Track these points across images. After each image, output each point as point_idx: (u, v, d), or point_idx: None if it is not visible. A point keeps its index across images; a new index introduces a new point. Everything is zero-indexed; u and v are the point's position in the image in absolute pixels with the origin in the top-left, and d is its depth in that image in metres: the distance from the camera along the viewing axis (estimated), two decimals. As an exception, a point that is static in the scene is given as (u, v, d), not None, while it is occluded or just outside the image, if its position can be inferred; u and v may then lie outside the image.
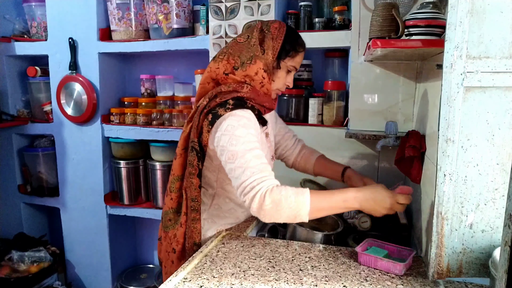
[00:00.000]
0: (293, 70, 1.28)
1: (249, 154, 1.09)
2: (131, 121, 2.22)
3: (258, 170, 1.08)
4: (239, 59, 1.20)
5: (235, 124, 1.12)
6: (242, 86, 1.19)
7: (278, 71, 1.24)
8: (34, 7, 2.32)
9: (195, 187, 1.22)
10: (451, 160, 0.93)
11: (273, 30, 1.22)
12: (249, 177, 1.07)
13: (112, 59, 2.31)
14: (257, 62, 1.19)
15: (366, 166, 1.78)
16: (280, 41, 1.21)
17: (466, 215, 0.95)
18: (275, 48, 1.21)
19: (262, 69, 1.19)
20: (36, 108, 2.47)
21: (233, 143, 1.10)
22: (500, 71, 0.88)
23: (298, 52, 1.25)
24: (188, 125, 1.25)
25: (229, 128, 1.12)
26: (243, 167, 1.08)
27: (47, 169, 2.48)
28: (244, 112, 1.16)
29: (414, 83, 1.66)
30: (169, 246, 1.30)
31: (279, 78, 1.25)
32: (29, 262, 2.27)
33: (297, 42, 1.26)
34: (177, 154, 1.27)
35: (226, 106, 1.16)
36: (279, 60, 1.23)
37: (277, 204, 1.05)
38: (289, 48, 1.23)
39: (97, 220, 2.35)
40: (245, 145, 1.10)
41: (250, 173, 1.07)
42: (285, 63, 1.24)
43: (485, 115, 0.91)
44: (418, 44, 1.14)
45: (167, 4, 2.02)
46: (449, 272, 0.98)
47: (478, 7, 0.88)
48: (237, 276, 1.05)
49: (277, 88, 1.27)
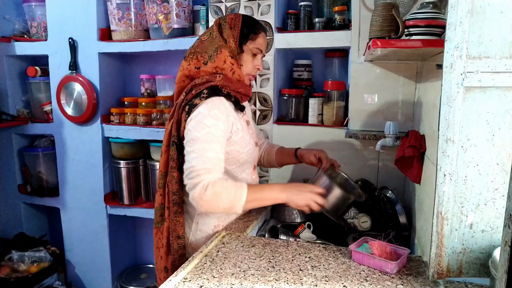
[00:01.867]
0: (259, 53, 1.34)
1: (208, 145, 1.17)
2: (131, 121, 2.22)
3: (209, 162, 1.16)
4: (206, 54, 1.28)
5: (205, 113, 1.19)
6: (215, 76, 1.26)
7: (243, 55, 1.31)
8: (34, 7, 2.32)
9: (176, 181, 1.27)
10: (451, 160, 0.93)
11: (229, 21, 1.30)
12: (199, 164, 1.15)
13: (112, 59, 2.31)
14: (223, 51, 1.26)
15: (366, 166, 1.78)
16: (238, 28, 1.29)
17: (466, 215, 0.95)
18: (234, 35, 1.28)
19: (229, 56, 1.27)
20: (36, 108, 2.47)
21: (198, 129, 1.18)
22: (500, 71, 0.88)
23: (256, 34, 1.32)
24: (169, 122, 1.31)
25: (199, 114, 1.20)
26: (198, 153, 1.16)
27: (47, 169, 2.48)
28: (218, 100, 1.23)
29: (414, 83, 1.66)
30: (160, 241, 1.34)
31: (246, 62, 1.32)
32: (29, 262, 2.27)
33: (254, 25, 1.32)
34: (162, 152, 1.33)
35: (201, 96, 1.23)
36: (242, 45, 1.30)
37: (217, 196, 1.14)
38: (247, 32, 1.30)
39: (97, 220, 2.35)
40: (207, 135, 1.17)
41: (202, 161, 1.15)
42: (248, 47, 1.31)
43: (485, 115, 0.91)
44: (418, 44, 1.14)
45: (167, 4, 2.02)
46: (449, 272, 0.98)
47: (478, 7, 0.88)
48: (237, 276, 1.05)
49: (247, 73, 1.34)
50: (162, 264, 1.33)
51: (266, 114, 1.92)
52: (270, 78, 1.89)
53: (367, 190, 1.60)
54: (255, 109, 1.92)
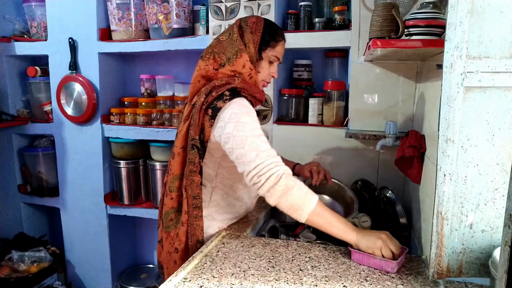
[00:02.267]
0: (276, 61, 1.32)
1: (258, 139, 1.12)
2: (131, 121, 2.22)
3: (272, 154, 1.11)
4: (224, 55, 1.24)
5: (238, 112, 1.15)
6: (234, 79, 1.23)
7: (261, 62, 1.29)
8: (34, 7, 2.32)
9: (197, 185, 1.22)
10: (451, 160, 0.93)
11: (251, 25, 1.27)
12: (265, 159, 1.09)
13: (112, 59, 2.31)
14: (243, 55, 1.23)
15: (366, 166, 1.78)
16: (259, 33, 1.26)
17: (466, 215, 0.95)
18: (255, 41, 1.26)
19: (249, 61, 1.24)
20: (36, 108, 2.47)
21: (240, 129, 1.12)
22: (500, 71, 0.88)
23: (277, 41, 1.29)
24: (185, 123, 1.26)
25: (233, 115, 1.14)
26: (256, 150, 1.10)
27: (47, 169, 2.48)
28: (242, 100, 1.20)
29: (414, 83, 1.66)
30: (171, 246, 1.29)
31: (263, 68, 1.30)
32: (29, 262, 2.27)
33: (276, 32, 1.30)
34: (174, 153, 1.27)
35: (223, 98, 1.18)
36: (261, 52, 1.28)
37: (289, 189, 1.08)
38: (268, 39, 1.27)
39: (97, 220, 2.36)
40: (253, 131, 1.13)
41: (266, 156, 1.10)
42: (267, 54, 1.29)
43: (485, 115, 0.91)
44: (418, 44, 1.14)
45: (167, 4, 2.02)
46: (449, 272, 0.98)
47: (478, 7, 0.88)
48: (237, 276, 1.05)
49: (263, 79, 1.32)
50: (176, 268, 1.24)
51: (266, 114, 1.92)
52: (270, 78, 1.89)
53: (367, 190, 1.60)
54: (255, 109, 1.92)
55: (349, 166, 1.80)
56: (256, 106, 1.33)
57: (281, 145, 1.90)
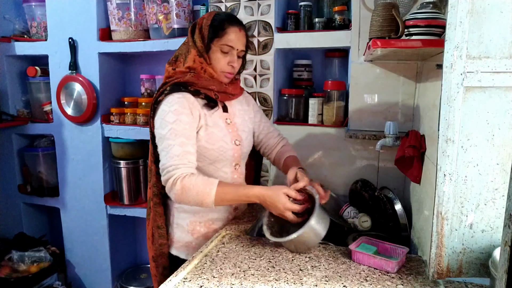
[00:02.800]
0: (231, 50, 1.32)
1: (172, 141, 1.21)
2: (131, 121, 2.22)
3: (176, 157, 1.20)
4: (180, 55, 1.35)
5: (166, 109, 1.24)
6: (185, 74, 1.30)
7: (211, 53, 1.31)
8: (34, 7, 2.32)
9: (154, 173, 1.35)
10: (451, 160, 0.93)
11: (200, 21, 1.33)
12: (167, 161, 1.21)
13: (112, 59, 2.31)
14: (191, 51, 1.31)
15: (366, 166, 1.78)
16: (206, 27, 1.30)
17: (466, 215, 0.95)
18: (203, 35, 1.30)
19: (196, 55, 1.30)
20: (36, 108, 2.47)
21: (162, 126, 1.24)
22: (500, 71, 0.88)
23: (224, 29, 1.30)
24: None
25: (161, 113, 1.25)
26: (166, 151, 1.22)
27: (47, 169, 2.48)
28: (179, 95, 1.26)
29: (414, 83, 1.66)
30: (148, 232, 1.42)
31: (215, 59, 1.31)
32: (29, 262, 2.27)
33: (223, 23, 1.31)
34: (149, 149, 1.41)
35: (164, 93, 1.28)
36: (209, 44, 1.31)
37: (186, 191, 1.18)
38: (215, 30, 1.30)
39: (97, 220, 2.35)
40: (171, 131, 1.22)
41: (170, 158, 1.21)
42: (216, 44, 1.31)
43: (485, 115, 0.91)
44: (418, 44, 1.14)
45: (167, 4, 2.02)
46: (449, 272, 0.98)
47: (478, 7, 0.88)
48: (237, 276, 1.05)
49: (221, 70, 1.33)
50: (150, 253, 1.41)
51: (266, 114, 1.91)
52: (270, 78, 1.89)
53: (367, 190, 1.60)
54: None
55: (349, 166, 1.80)
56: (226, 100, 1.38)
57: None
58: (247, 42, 1.37)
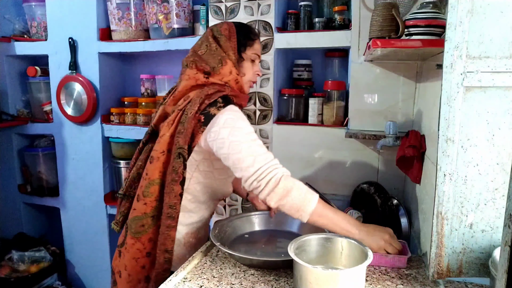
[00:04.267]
0: (256, 59, 1.34)
1: (254, 144, 1.13)
2: (131, 121, 2.22)
3: (270, 158, 1.12)
4: (208, 65, 1.24)
5: (234, 117, 1.16)
6: (224, 87, 1.24)
7: (244, 63, 1.31)
8: (34, 7, 2.32)
9: (175, 194, 1.18)
10: (451, 160, 0.93)
11: (224, 32, 1.29)
12: (263, 164, 1.10)
13: (112, 59, 2.31)
14: (227, 62, 1.25)
15: (366, 166, 1.78)
16: (234, 38, 1.28)
17: (466, 215, 0.95)
18: (233, 47, 1.28)
19: (233, 67, 1.26)
20: (36, 108, 2.47)
21: (236, 134, 1.13)
22: (500, 71, 0.88)
23: (253, 40, 1.32)
24: (168, 129, 1.20)
25: (228, 121, 1.14)
26: (254, 155, 1.11)
27: (47, 169, 2.48)
28: (236, 108, 1.21)
29: (414, 83, 1.66)
30: (141, 252, 1.24)
31: (247, 69, 1.32)
32: (29, 262, 2.28)
33: (250, 32, 1.33)
34: (153, 158, 1.21)
35: (217, 105, 1.17)
36: (240, 53, 1.30)
37: (288, 191, 1.08)
38: (244, 40, 1.30)
39: (97, 220, 2.35)
40: (248, 135, 1.14)
41: (263, 160, 1.10)
42: (247, 54, 1.31)
43: (485, 115, 0.91)
44: (418, 44, 1.14)
45: (167, 4, 2.02)
46: (449, 272, 0.98)
47: (478, 7, 0.88)
48: (237, 276, 1.05)
49: (249, 79, 1.34)
50: (142, 273, 1.26)
51: (266, 114, 1.92)
52: (270, 78, 1.89)
53: (380, 196, 1.57)
54: (255, 109, 1.92)
55: (349, 166, 1.80)
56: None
57: (281, 145, 1.90)
58: None
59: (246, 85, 1.33)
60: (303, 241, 1.03)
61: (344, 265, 1.02)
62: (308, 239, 1.03)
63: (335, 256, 1.04)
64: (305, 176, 1.86)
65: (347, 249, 1.02)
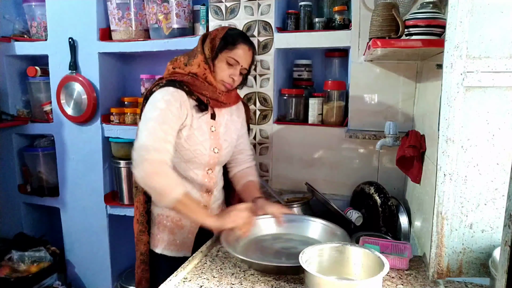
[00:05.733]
0: (235, 64, 1.36)
1: (159, 125, 1.22)
2: (131, 121, 2.22)
3: (159, 141, 1.21)
4: (185, 59, 1.37)
5: (159, 97, 1.27)
6: (183, 76, 1.34)
7: (217, 62, 1.35)
8: (34, 7, 2.32)
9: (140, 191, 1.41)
10: (451, 160, 0.93)
11: (213, 32, 1.37)
12: (149, 142, 1.21)
13: (112, 59, 2.30)
14: (198, 56, 1.34)
15: (366, 166, 1.78)
16: (218, 39, 1.34)
17: (466, 215, 0.95)
18: (213, 45, 1.34)
19: (203, 61, 1.33)
20: (36, 108, 2.47)
21: (151, 110, 1.26)
22: (500, 71, 0.88)
23: (235, 45, 1.34)
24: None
25: (153, 98, 1.28)
26: (148, 131, 1.22)
27: (47, 169, 2.48)
28: (173, 89, 1.29)
29: (414, 83, 1.66)
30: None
31: (218, 68, 1.35)
32: (29, 262, 2.27)
33: (234, 37, 1.36)
34: None
35: (159, 85, 1.31)
36: (218, 53, 1.34)
37: (157, 175, 1.18)
38: (226, 42, 1.34)
39: (97, 220, 2.35)
40: (159, 117, 1.24)
41: (152, 140, 1.21)
42: (224, 55, 1.34)
43: (485, 115, 0.91)
44: (418, 44, 1.14)
45: (167, 4, 2.02)
46: (449, 272, 0.98)
47: (478, 7, 0.88)
48: (237, 276, 1.05)
49: (221, 79, 1.36)
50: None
51: (266, 114, 1.92)
52: (270, 78, 1.89)
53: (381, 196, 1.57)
54: (255, 109, 1.92)
55: (349, 166, 1.80)
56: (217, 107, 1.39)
57: (281, 145, 1.90)
58: (252, 63, 1.41)
59: (218, 83, 1.37)
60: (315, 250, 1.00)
61: (356, 275, 0.99)
62: (320, 248, 1.00)
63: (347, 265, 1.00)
64: (305, 176, 1.86)
65: (360, 258, 0.98)
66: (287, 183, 1.92)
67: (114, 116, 2.25)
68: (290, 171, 1.91)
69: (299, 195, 1.77)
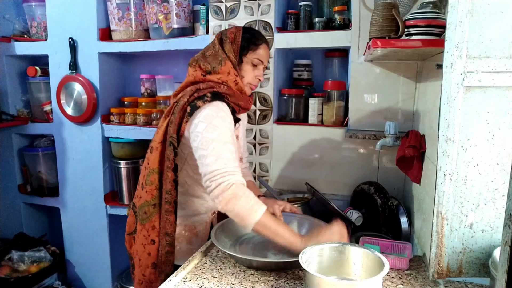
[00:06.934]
0: (259, 64, 1.36)
1: (223, 145, 1.17)
2: (131, 121, 2.22)
3: (229, 163, 1.16)
4: (209, 65, 1.31)
5: (213, 114, 1.21)
6: (220, 86, 1.29)
7: (244, 65, 1.34)
8: (34, 7, 2.32)
9: (170, 181, 1.26)
10: (451, 160, 0.93)
11: (230, 35, 1.34)
12: (221, 167, 1.14)
13: (112, 59, 2.31)
14: (226, 63, 1.30)
15: (366, 166, 1.78)
16: (238, 42, 1.33)
17: (466, 215, 0.95)
18: (235, 49, 1.32)
19: (232, 67, 1.30)
20: (36, 108, 2.47)
21: (209, 130, 1.18)
22: (500, 71, 0.88)
23: (257, 45, 1.35)
24: (165, 120, 1.30)
25: (207, 116, 1.20)
26: (216, 156, 1.15)
27: (47, 169, 2.48)
28: (222, 104, 1.25)
29: (414, 83, 1.66)
30: (147, 238, 1.32)
31: (246, 71, 1.34)
32: (29, 262, 2.28)
33: (254, 37, 1.35)
34: (153, 148, 1.31)
35: (204, 99, 1.23)
36: (242, 56, 1.33)
37: (236, 199, 1.12)
38: (247, 44, 1.33)
39: (97, 220, 2.35)
40: (220, 136, 1.18)
41: (223, 163, 1.15)
42: (248, 57, 1.34)
43: (485, 115, 0.91)
44: (418, 44, 1.14)
45: (167, 4, 2.02)
46: (449, 272, 0.98)
47: (478, 7, 0.88)
48: (237, 276, 1.05)
49: (248, 82, 1.36)
50: (150, 260, 1.32)
51: (266, 114, 1.92)
52: (270, 78, 1.89)
53: (380, 196, 1.57)
54: (255, 109, 1.92)
55: (349, 166, 1.80)
56: (241, 114, 1.38)
57: (281, 145, 1.90)
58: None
59: (246, 87, 1.36)
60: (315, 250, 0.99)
61: (356, 275, 0.98)
62: (320, 248, 1.00)
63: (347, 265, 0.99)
64: (305, 176, 1.86)
65: (360, 258, 0.97)
66: (287, 183, 1.92)
67: (114, 116, 2.25)
68: (290, 171, 1.91)
69: (299, 195, 1.77)
